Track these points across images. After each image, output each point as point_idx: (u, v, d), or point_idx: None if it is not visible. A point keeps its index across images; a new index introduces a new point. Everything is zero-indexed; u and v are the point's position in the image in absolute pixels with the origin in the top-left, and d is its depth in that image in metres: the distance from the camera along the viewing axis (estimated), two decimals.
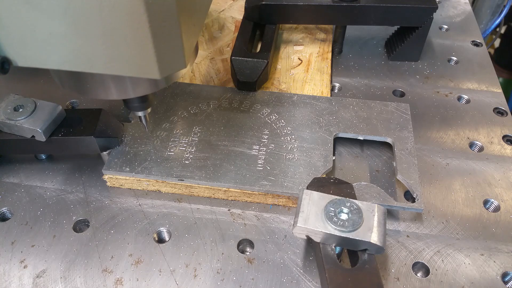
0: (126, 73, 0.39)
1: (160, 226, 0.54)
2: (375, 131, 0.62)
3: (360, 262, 0.44)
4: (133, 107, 0.51)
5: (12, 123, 0.54)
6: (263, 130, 0.62)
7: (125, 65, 0.38)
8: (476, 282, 0.49)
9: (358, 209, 0.44)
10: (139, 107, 0.52)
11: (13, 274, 0.49)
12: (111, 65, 0.38)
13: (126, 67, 0.38)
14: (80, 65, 0.38)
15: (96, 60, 0.38)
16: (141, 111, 0.53)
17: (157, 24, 0.35)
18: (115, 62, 0.38)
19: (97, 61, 0.38)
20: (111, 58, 0.37)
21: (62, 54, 0.37)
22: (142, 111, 0.53)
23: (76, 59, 0.38)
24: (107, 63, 0.38)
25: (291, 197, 0.55)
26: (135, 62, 0.38)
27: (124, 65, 0.38)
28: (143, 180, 0.56)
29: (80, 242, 0.52)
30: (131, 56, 0.37)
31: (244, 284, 0.49)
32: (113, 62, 0.38)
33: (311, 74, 0.73)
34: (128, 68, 0.38)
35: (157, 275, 0.49)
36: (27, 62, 0.39)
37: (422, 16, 0.71)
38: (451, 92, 0.73)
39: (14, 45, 0.37)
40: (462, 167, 0.61)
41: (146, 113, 0.54)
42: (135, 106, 0.51)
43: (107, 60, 0.37)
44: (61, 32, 0.36)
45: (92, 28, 0.35)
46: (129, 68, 0.38)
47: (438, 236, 0.53)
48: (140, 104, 0.51)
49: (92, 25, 0.35)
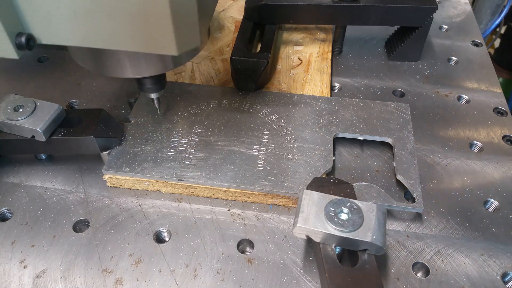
0: (146, 50, 0.41)
1: (160, 226, 0.54)
2: (375, 131, 0.62)
3: (360, 262, 0.44)
4: (147, 89, 0.54)
5: (12, 123, 0.54)
6: (263, 130, 0.62)
7: (145, 42, 0.40)
8: (476, 282, 0.49)
9: (358, 209, 0.44)
10: (153, 89, 0.54)
11: (13, 274, 0.49)
12: (131, 42, 0.40)
13: (145, 44, 0.40)
14: (102, 42, 0.40)
15: (117, 37, 0.40)
16: (154, 93, 0.56)
17: (176, 2, 0.37)
18: (135, 39, 0.40)
19: (118, 38, 0.40)
20: (132, 35, 0.39)
21: (85, 31, 0.39)
22: (156, 93, 0.56)
23: (98, 37, 0.40)
24: (127, 40, 0.40)
25: (291, 197, 0.55)
26: (154, 39, 0.40)
27: (144, 42, 0.40)
28: (143, 180, 0.56)
29: (80, 242, 0.52)
30: (151, 33, 0.39)
31: (244, 284, 0.49)
32: (133, 39, 0.40)
33: (311, 74, 0.73)
34: (147, 45, 0.40)
35: (157, 275, 0.49)
36: (51, 39, 0.41)
37: (422, 16, 0.71)
38: (451, 92, 0.73)
39: (39, 23, 0.39)
40: (462, 167, 0.61)
41: (159, 95, 0.57)
42: (148, 87, 0.54)
43: (127, 37, 0.40)
44: (85, 9, 0.37)
45: (115, 5, 0.37)
46: (148, 45, 0.40)
47: (438, 236, 0.53)
48: (153, 86, 0.54)
49: (115, 2, 0.37)
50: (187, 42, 0.41)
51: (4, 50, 0.40)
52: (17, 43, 0.39)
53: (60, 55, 0.80)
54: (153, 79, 0.53)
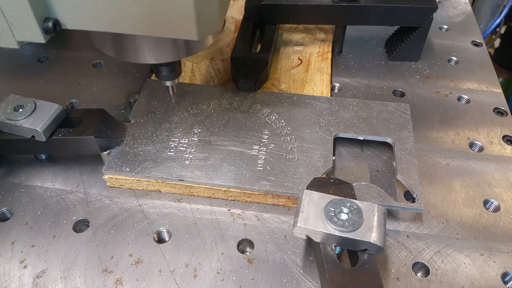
0: (167, 35, 0.43)
1: (160, 226, 0.54)
2: (375, 131, 0.62)
3: (360, 262, 0.44)
4: (162, 76, 0.56)
5: (12, 123, 0.54)
6: (263, 130, 0.62)
7: (167, 27, 0.42)
8: (476, 282, 0.49)
9: (358, 209, 0.44)
10: (168, 77, 0.56)
11: (13, 274, 0.49)
12: (154, 27, 0.42)
13: (167, 29, 0.42)
14: (125, 27, 0.42)
15: (140, 22, 0.41)
16: (170, 80, 0.57)
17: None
18: (158, 25, 0.41)
19: (140, 23, 0.41)
20: (155, 20, 0.41)
21: (109, 17, 0.41)
22: (171, 80, 0.57)
23: (121, 22, 0.41)
24: (150, 25, 0.41)
25: (291, 197, 0.55)
26: (176, 24, 0.41)
27: (166, 27, 0.41)
28: (143, 180, 0.56)
29: (80, 242, 0.52)
30: (173, 19, 0.41)
31: (244, 284, 0.49)
32: (156, 24, 0.41)
33: (311, 74, 0.73)
34: (169, 30, 0.42)
35: (157, 275, 0.49)
36: (75, 25, 0.42)
37: (422, 16, 0.71)
38: (451, 92, 0.73)
39: (65, 8, 0.41)
40: (462, 167, 0.61)
41: (173, 83, 0.58)
42: (164, 75, 0.56)
43: (150, 23, 0.41)
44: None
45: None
46: (170, 30, 0.42)
47: (438, 236, 0.53)
48: (168, 74, 0.56)
49: None
50: (207, 27, 0.43)
51: (32, 34, 0.41)
52: (45, 28, 0.41)
53: (60, 55, 0.80)
54: (170, 67, 0.55)
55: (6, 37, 0.42)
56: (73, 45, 0.82)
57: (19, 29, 0.41)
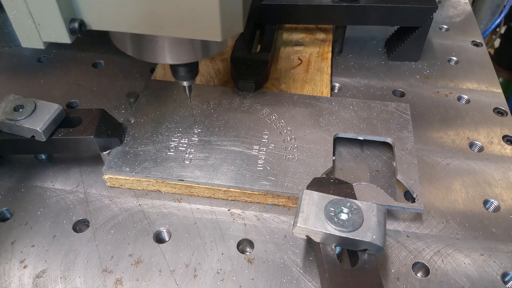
0: (191, 36, 0.43)
1: (160, 226, 0.54)
2: (375, 131, 0.62)
3: (360, 262, 0.44)
4: (180, 77, 0.57)
5: (12, 123, 0.54)
6: (263, 130, 0.62)
7: (191, 28, 0.42)
8: (476, 282, 0.49)
9: (358, 209, 0.44)
10: (186, 77, 0.57)
11: (13, 274, 0.49)
12: (178, 28, 0.42)
13: (191, 31, 0.42)
14: (149, 28, 0.43)
15: (164, 24, 0.42)
16: (187, 80, 0.58)
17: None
18: (182, 26, 0.42)
19: (165, 25, 0.42)
20: (179, 21, 0.41)
21: (134, 18, 0.42)
22: (188, 81, 0.58)
23: (145, 23, 0.42)
24: (175, 26, 0.42)
25: (291, 197, 0.55)
26: (201, 26, 0.42)
27: (190, 28, 0.42)
28: (143, 180, 0.56)
29: (80, 242, 0.52)
30: (197, 20, 0.41)
31: (244, 284, 0.49)
32: (180, 25, 0.42)
33: (311, 74, 0.73)
34: (193, 32, 0.42)
35: (157, 275, 0.49)
36: (100, 25, 0.43)
37: (422, 16, 0.71)
38: (451, 92, 0.73)
39: (91, 9, 0.42)
40: (462, 167, 0.61)
41: (190, 83, 0.59)
42: (182, 75, 0.57)
43: (175, 24, 0.42)
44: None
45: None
46: (194, 32, 0.42)
47: (438, 236, 0.53)
48: (186, 74, 0.56)
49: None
50: (231, 28, 0.43)
51: (58, 35, 0.42)
52: (71, 28, 0.42)
53: (60, 55, 0.80)
54: (187, 67, 0.56)
55: (33, 38, 0.43)
56: (73, 45, 0.81)
57: (46, 29, 0.42)
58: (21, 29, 0.42)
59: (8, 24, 0.80)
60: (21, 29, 0.42)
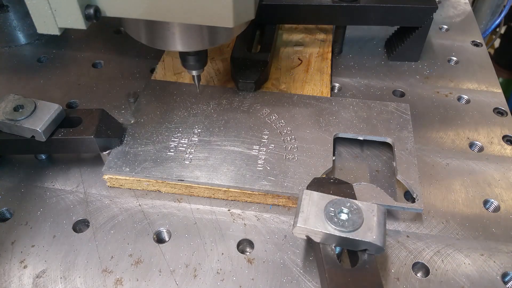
0: (203, 22, 0.44)
1: (160, 226, 0.54)
2: (375, 131, 0.62)
3: (360, 262, 0.44)
4: (190, 66, 0.59)
5: (12, 123, 0.54)
6: (263, 130, 0.62)
7: (203, 14, 0.43)
8: (476, 282, 0.49)
9: (358, 209, 0.44)
10: (195, 66, 0.59)
11: (13, 274, 0.49)
12: (190, 14, 0.43)
13: (204, 17, 0.43)
14: (162, 15, 0.43)
15: (177, 10, 0.43)
16: (196, 70, 0.60)
17: None
18: (194, 12, 0.43)
19: (178, 11, 0.43)
20: (192, 7, 0.42)
21: (147, 4, 0.42)
22: (197, 70, 0.60)
23: (158, 9, 0.43)
24: (187, 12, 0.43)
25: (291, 197, 0.55)
26: (213, 12, 0.43)
27: (203, 14, 0.43)
28: (143, 180, 0.56)
29: (80, 242, 0.52)
30: (210, 6, 0.42)
31: (244, 284, 0.49)
32: (192, 11, 0.42)
33: (311, 74, 0.73)
34: (205, 18, 0.43)
35: (157, 275, 0.49)
36: (115, 12, 0.44)
37: (422, 16, 0.71)
38: (451, 92, 0.73)
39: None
40: (462, 167, 0.61)
41: (199, 73, 0.61)
42: (191, 64, 0.59)
43: (187, 10, 0.42)
44: None
45: None
46: (206, 18, 0.43)
47: (438, 236, 0.53)
48: (195, 63, 0.59)
49: None
50: (243, 14, 0.44)
51: (74, 21, 0.43)
52: (86, 14, 0.43)
53: (60, 55, 0.80)
54: (196, 56, 0.57)
55: (49, 24, 0.44)
56: (73, 45, 0.82)
57: (62, 15, 0.43)
58: (38, 15, 0.43)
59: (8, 24, 0.80)
60: (37, 15, 0.43)
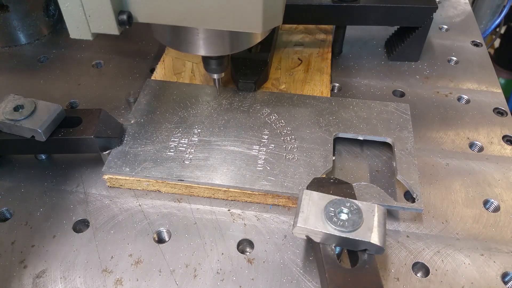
0: (233, 28, 0.45)
1: (160, 226, 0.54)
2: (375, 131, 0.62)
3: (360, 262, 0.44)
4: (211, 69, 0.61)
5: (12, 123, 0.54)
6: (263, 130, 0.62)
7: (233, 20, 0.44)
8: (476, 282, 0.49)
9: (358, 209, 0.44)
10: (216, 70, 0.61)
11: (13, 274, 0.49)
12: (220, 21, 0.44)
13: (233, 23, 0.44)
14: (193, 21, 0.45)
15: (208, 16, 0.44)
16: (217, 73, 0.62)
17: None
18: (225, 18, 0.44)
19: (208, 17, 0.44)
20: (222, 14, 0.43)
21: (178, 11, 0.44)
22: (218, 73, 0.62)
23: (189, 16, 0.44)
24: (217, 19, 0.44)
25: (291, 197, 0.55)
26: (243, 18, 0.44)
27: (232, 20, 0.44)
28: (143, 180, 0.56)
29: (80, 242, 0.52)
30: (240, 12, 0.43)
31: (244, 284, 0.49)
32: (223, 18, 0.44)
33: (311, 74, 0.73)
34: (235, 24, 0.44)
35: (157, 275, 0.49)
36: (147, 18, 0.45)
37: (422, 16, 0.71)
38: (451, 92, 0.73)
39: (139, 2, 0.44)
40: (462, 167, 0.61)
41: (220, 76, 0.62)
42: (213, 68, 0.60)
43: (218, 16, 0.43)
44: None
45: None
46: (236, 24, 0.44)
47: (438, 236, 0.53)
48: (217, 67, 0.60)
49: None
50: (271, 20, 0.45)
51: (107, 26, 0.44)
52: (120, 20, 0.44)
53: (60, 55, 0.80)
54: (219, 61, 0.59)
55: (82, 29, 0.45)
56: (73, 45, 0.82)
57: (96, 21, 0.44)
58: (72, 20, 0.44)
59: (8, 24, 0.80)
60: (71, 20, 0.44)
